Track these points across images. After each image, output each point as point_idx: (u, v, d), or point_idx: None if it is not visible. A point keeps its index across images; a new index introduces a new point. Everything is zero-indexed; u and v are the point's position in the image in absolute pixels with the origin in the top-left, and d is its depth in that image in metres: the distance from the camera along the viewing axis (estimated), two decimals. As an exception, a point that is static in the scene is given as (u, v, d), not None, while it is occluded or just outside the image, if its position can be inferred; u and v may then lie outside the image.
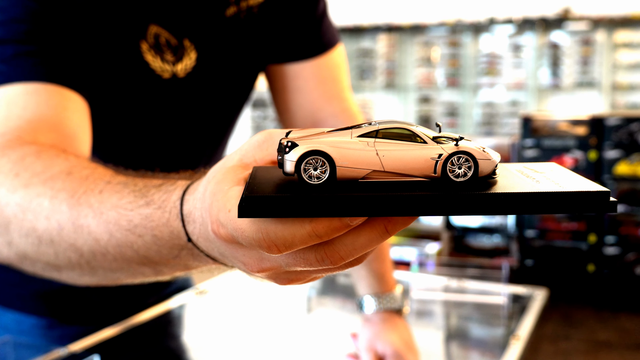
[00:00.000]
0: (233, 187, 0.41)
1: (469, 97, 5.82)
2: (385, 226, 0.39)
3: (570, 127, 1.70)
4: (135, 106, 0.89)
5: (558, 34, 5.54)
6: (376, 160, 0.39)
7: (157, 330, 1.11)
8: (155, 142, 0.95)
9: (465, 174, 0.39)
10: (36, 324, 1.00)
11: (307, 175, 0.38)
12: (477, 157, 0.39)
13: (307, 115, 1.04)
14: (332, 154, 0.38)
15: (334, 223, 0.37)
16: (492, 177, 0.40)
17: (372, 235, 0.39)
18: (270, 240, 0.38)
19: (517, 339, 1.06)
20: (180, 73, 0.89)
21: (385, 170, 0.39)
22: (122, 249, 0.55)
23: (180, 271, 0.56)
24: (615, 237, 1.60)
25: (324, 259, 0.39)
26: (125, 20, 0.84)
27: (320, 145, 0.38)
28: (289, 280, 0.43)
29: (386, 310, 0.98)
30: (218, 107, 0.99)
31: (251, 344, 1.10)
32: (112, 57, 0.84)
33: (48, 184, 0.61)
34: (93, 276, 0.62)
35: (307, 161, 0.38)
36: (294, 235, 0.38)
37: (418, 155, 0.39)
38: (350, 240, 0.39)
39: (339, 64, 1.06)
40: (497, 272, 1.32)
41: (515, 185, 0.38)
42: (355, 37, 6.08)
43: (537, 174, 0.41)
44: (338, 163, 0.38)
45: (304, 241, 0.38)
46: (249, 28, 0.97)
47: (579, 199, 0.37)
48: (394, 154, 0.39)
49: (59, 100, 0.74)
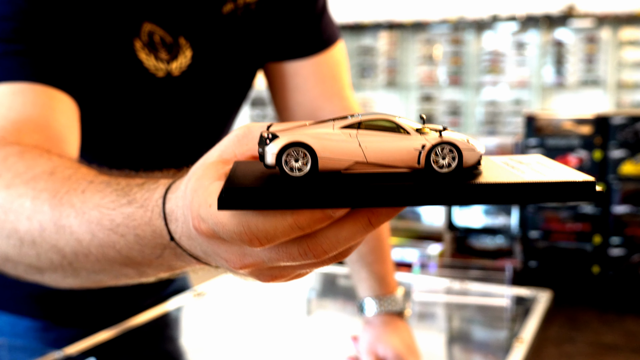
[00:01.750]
0: (214, 182, 0.41)
1: (472, 96, 5.82)
2: (368, 218, 0.38)
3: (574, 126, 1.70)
4: (128, 106, 0.89)
5: (562, 31, 5.54)
6: (359, 151, 0.38)
7: (154, 333, 1.10)
8: (150, 142, 0.95)
9: (449, 165, 0.39)
10: (31, 326, 1.00)
11: (289, 167, 0.38)
12: (461, 147, 0.39)
13: (307, 114, 1.04)
14: (313, 145, 0.38)
15: (316, 214, 0.37)
16: (476, 168, 0.40)
17: (355, 228, 0.38)
18: (252, 233, 0.38)
19: (520, 342, 1.06)
20: (175, 72, 0.89)
21: (368, 162, 0.39)
22: (104, 249, 0.55)
23: (164, 272, 0.56)
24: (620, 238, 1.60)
25: (306, 252, 0.39)
26: (119, 18, 0.84)
27: (302, 136, 0.38)
28: (272, 277, 0.43)
29: (387, 313, 0.98)
30: (215, 106, 0.99)
31: (250, 347, 1.10)
32: (105, 55, 0.84)
33: (30, 184, 0.61)
34: (76, 278, 0.62)
35: (288, 153, 0.38)
36: (276, 228, 0.37)
37: (401, 146, 0.39)
38: (333, 233, 0.38)
39: (340, 61, 1.06)
40: (500, 274, 1.32)
41: (499, 175, 0.38)
42: (356, 34, 6.08)
43: (522, 165, 0.41)
44: (320, 154, 0.38)
45: (286, 233, 0.38)
46: (247, 25, 0.96)
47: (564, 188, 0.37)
48: (377, 145, 0.39)
49: (45, 100, 0.74)
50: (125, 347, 1.03)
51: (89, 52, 0.82)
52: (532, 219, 1.68)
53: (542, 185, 0.37)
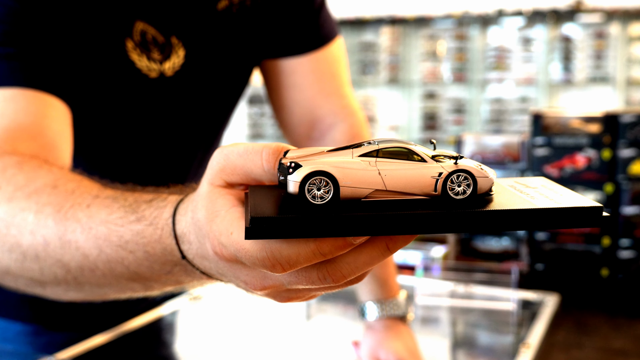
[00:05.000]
0: (230, 210, 0.43)
1: (477, 93, 5.82)
2: (387, 244, 0.41)
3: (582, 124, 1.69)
4: (122, 107, 0.89)
5: (570, 26, 5.54)
6: (378, 179, 0.41)
7: (149, 337, 1.11)
8: (144, 144, 0.95)
9: (464, 192, 0.42)
10: (21, 330, 1.00)
11: (311, 195, 0.40)
12: (476, 175, 0.42)
13: (305, 113, 1.04)
14: (335, 174, 0.40)
15: (338, 242, 0.39)
16: (489, 194, 0.43)
17: (373, 253, 0.41)
18: (275, 259, 0.40)
19: (527, 347, 1.06)
20: (168, 72, 0.89)
21: (387, 189, 0.41)
22: (112, 264, 0.57)
23: (171, 286, 0.58)
24: (630, 240, 1.60)
25: (326, 277, 0.41)
26: (110, 18, 0.84)
27: (324, 165, 0.41)
28: (288, 298, 0.46)
29: (389, 317, 0.98)
30: (209, 105, 0.99)
31: (248, 353, 1.10)
32: (97, 56, 0.84)
33: (33, 198, 0.62)
34: (79, 292, 0.63)
35: (311, 181, 0.40)
36: (299, 254, 0.40)
37: (419, 174, 0.41)
38: (353, 259, 0.41)
39: (338, 58, 1.06)
40: (506, 277, 1.32)
41: (511, 202, 0.41)
42: (357, 30, 6.08)
43: (530, 189, 0.44)
44: (341, 183, 0.40)
45: (308, 259, 0.40)
46: (242, 22, 0.96)
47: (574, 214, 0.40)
48: (396, 173, 0.41)
49: (38, 106, 0.74)
50: (120, 353, 1.03)
51: (80, 54, 0.82)
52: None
53: (554, 211, 0.39)
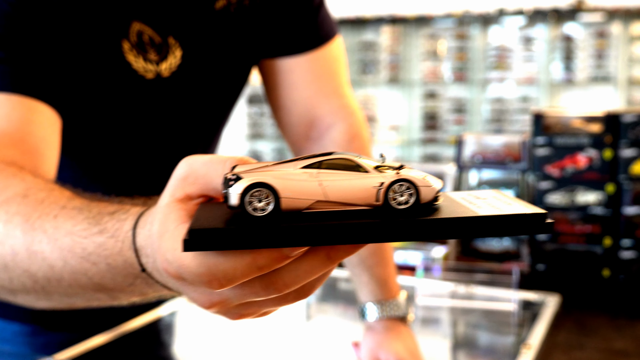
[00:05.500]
0: (179, 226, 0.43)
1: (477, 93, 5.82)
2: (327, 253, 0.41)
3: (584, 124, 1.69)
4: (118, 109, 0.89)
5: (571, 25, 5.54)
6: (319, 190, 0.41)
7: (148, 338, 1.10)
8: (141, 145, 0.95)
9: (407, 202, 0.42)
10: (19, 331, 1.00)
11: (252, 207, 0.40)
12: (418, 184, 0.42)
13: (303, 113, 1.04)
14: (275, 185, 0.41)
15: (273, 254, 0.39)
16: (433, 204, 0.43)
17: (314, 262, 0.41)
18: (212, 275, 0.40)
19: (528, 348, 1.06)
20: (165, 72, 0.89)
21: (328, 200, 0.41)
22: (77, 275, 0.57)
23: (137, 297, 0.59)
24: (631, 241, 1.60)
25: (269, 286, 0.41)
26: (107, 19, 0.84)
27: (264, 177, 0.41)
28: (240, 315, 0.46)
29: (390, 318, 0.98)
30: (207, 106, 0.99)
31: (248, 353, 1.10)
32: (93, 59, 0.84)
33: (3, 207, 0.62)
34: (49, 301, 0.64)
35: (252, 193, 0.40)
36: (235, 268, 0.40)
37: (360, 184, 0.42)
38: (294, 267, 0.41)
39: (337, 58, 1.06)
40: (507, 277, 1.32)
41: (455, 211, 0.41)
42: (357, 29, 6.08)
43: (479, 200, 0.44)
44: (282, 194, 0.41)
45: (245, 274, 0.40)
46: (240, 22, 0.96)
47: (516, 221, 0.40)
48: (337, 183, 0.41)
49: (23, 112, 0.74)
50: (119, 354, 1.02)
51: (76, 56, 0.82)
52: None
53: (495, 218, 0.40)
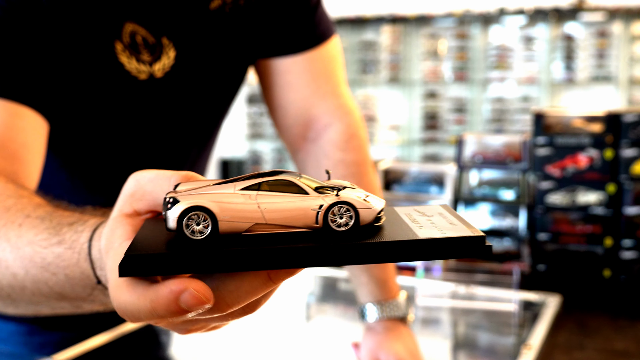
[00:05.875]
0: (123, 243, 0.43)
1: (478, 92, 5.82)
2: (267, 274, 0.41)
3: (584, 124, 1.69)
4: (111, 110, 0.89)
5: (572, 25, 5.54)
6: (258, 213, 0.41)
7: (147, 338, 1.10)
8: (135, 146, 0.95)
9: (346, 224, 0.42)
10: (15, 330, 1.00)
11: (190, 230, 0.40)
12: (357, 206, 0.42)
13: (300, 113, 1.04)
14: (213, 209, 0.40)
15: (171, 306, 0.38)
16: (374, 224, 0.43)
17: (255, 284, 0.41)
18: (123, 312, 0.41)
19: (528, 349, 1.06)
20: (158, 73, 0.89)
21: (267, 223, 0.41)
22: (38, 284, 0.58)
23: (100, 307, 0.59)
24: (632, 241, 1.60)
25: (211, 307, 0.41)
26: (100, 19, 0.84)
27: (201, 200, 0.40)
28: (187, 330, 0.45)
29: (389, 319, 0.98)
30: (201, 107, 0.99)
31: (247, 354, 1.10)
32: (85, 60, 0.84)
33: None
34: (16, 308, 0.65)
35: (190, 216, 0.40)
36: (139, 311, 0.40)
37: (299, 207, 0.41)
38: (235, 287, 0.41)
39: (334, 57, 1.06)
40: (507, 278, 1.32)
41: (395, 233, 0.41)
42: (357, 28, 6.08)
43: (423, 218, 0.44)
44: (219, 217, 0.40)
45: (148, 317, 0.40)
46: (235, 22, 0.96)
47: (454, 244, 0.40)
48: (275, 206, 0.41)
49: (5, 118, 0.75)
50: (117, 354, 1.02)
51: (68, 57, 0.82)
52: (541, 221, 1.68)
53: (433, 241, 0.40)
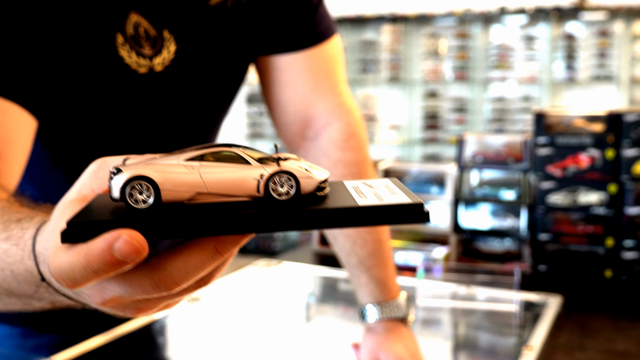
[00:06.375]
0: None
1: (479, 92, 5.82)
2: (215, 246, 0.41)
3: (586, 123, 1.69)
4: (110, 104, 0.89)
5: (573, 24, 5.54)
6: (199, 182, 0.42)
7: (145, 340, 1.10)
8: (134, 141, 0.94)
9: (287, 193, 0.43)
10: (9, 333, 1.00)
11: (133, 199, 0.41)
12: (297, 175, 0.43)
13: (299, 111, 1.04)
14: (155, 178, 0.42)
15: (105, 257, 0.38)
16: (316, 194, 0.44)
17: (203, 257, 0.41)
18: (58, 275, 0.40)
19: (529, 349, 1.06)
20: (158, 67, 0.89)
21: (209, 192, 0.43)
22: None
23: (49, 305, 0.59)
24: (634, 241, 1.60)
25: (158, 285, 0.41)
26: (104, 8, 0.84)
27: (144, 170, 0.42)
28: (137, 309, 0.45)
29: (390, 319, 0.98)
30: (202, 102, 0.99)
31: (247, 355, 1.10)
32: (85, 52, 0.83)
33: None
34: None
35: (133, 186, 0.41)
36: (74, 269, 0.39)
37: (241, 176, 0.43)
38: (182, 264, 0.41)
39: (335, 56, 1.06)
40: (508, 278, 1.32)
41: (336, 200, 0.43)
42: (358, 27, 6.08)
43: (369, 189, 0.45)
44: (162, 187, 0.42)
45: (83, 274, 0.39)
46: (237, 17, 0.96)
47: (393, 211, 0.42)
48: (217, 176, 0.43)
49: None
50: (113, 356, 1.02)
51: (67, 50, 0.82)
52: (542, 221, 1.68)
53: (371, 208, 0.41)
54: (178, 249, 0.41)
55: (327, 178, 0.46)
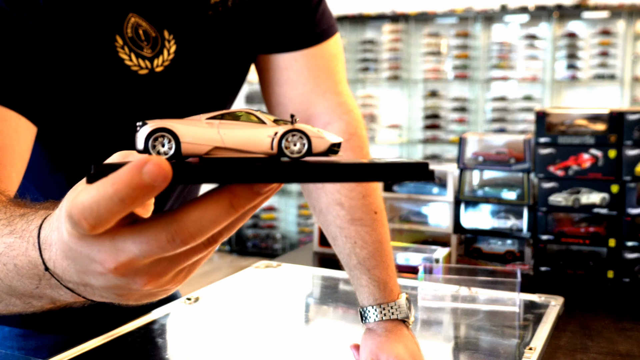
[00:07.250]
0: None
1: (480, 92, 5.82)
2: (230, 200, 0.42)
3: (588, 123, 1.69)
4: (110, 105, 0.89)
5: (575, 23, 5.54)
6: (217, 137, 0.45)
7: (145, 341, 1.10)
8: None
9: (300, 151, 0.46)
10: (10, 334, 1.00)
11: (156, 150, 0.45)
12: (309, 135, 0.46)
13: (299, 110, 1.04)
14: (176, 130, 0.45)
15: (135, 179, 0.39)
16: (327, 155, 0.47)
17: (218, 211, 0.42)
18: (81, 214, 0.40)
19: (531, 351, 1.06)
20: (158, 68, 0.89)
21: (226, 147, 0.45)
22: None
23: (49, 305, 0.59)
24: (636, 242, 1.60)
25: (174, 237, 0.42)
26: (103, 11, 0.84)
27: (167, 123, 0.45)
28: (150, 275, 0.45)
29: (390, 320, 0.98)
30: (201, 102, 0.99)
31: (246, 356, 1.10)
32: (85, 54, 0.84)
33: None
34: None
35: (155, 137, 0.45)
36: (99, 203, 0.40)
37: (256, 134, 0.46)
38: (198, 217, 0.42)
39: (335, 55, 1.06)
40: (509, 279, 1.32)
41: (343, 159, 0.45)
42: (358, 27, 6.08)
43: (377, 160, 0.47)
44: (182, 139, 0.45)
45: (109, 207, 0.40)
46: (237, 17, 0.96)
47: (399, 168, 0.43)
48: (234, 132, 0.46)
49: None
50: (113, 357, 1.02)
51: (68, 53, 0.82)
52: (544, 222, 1.68)
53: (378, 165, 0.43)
54: (194, 203, 0.42)
55: (340, 143, 0.48)
